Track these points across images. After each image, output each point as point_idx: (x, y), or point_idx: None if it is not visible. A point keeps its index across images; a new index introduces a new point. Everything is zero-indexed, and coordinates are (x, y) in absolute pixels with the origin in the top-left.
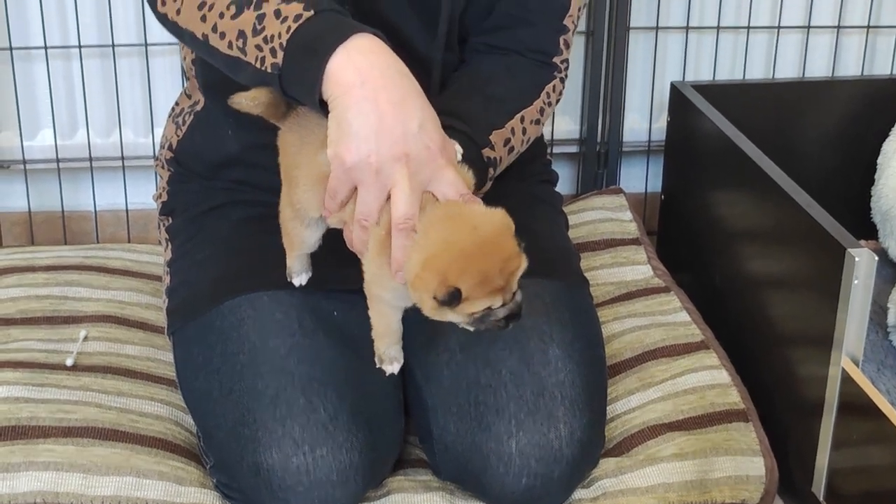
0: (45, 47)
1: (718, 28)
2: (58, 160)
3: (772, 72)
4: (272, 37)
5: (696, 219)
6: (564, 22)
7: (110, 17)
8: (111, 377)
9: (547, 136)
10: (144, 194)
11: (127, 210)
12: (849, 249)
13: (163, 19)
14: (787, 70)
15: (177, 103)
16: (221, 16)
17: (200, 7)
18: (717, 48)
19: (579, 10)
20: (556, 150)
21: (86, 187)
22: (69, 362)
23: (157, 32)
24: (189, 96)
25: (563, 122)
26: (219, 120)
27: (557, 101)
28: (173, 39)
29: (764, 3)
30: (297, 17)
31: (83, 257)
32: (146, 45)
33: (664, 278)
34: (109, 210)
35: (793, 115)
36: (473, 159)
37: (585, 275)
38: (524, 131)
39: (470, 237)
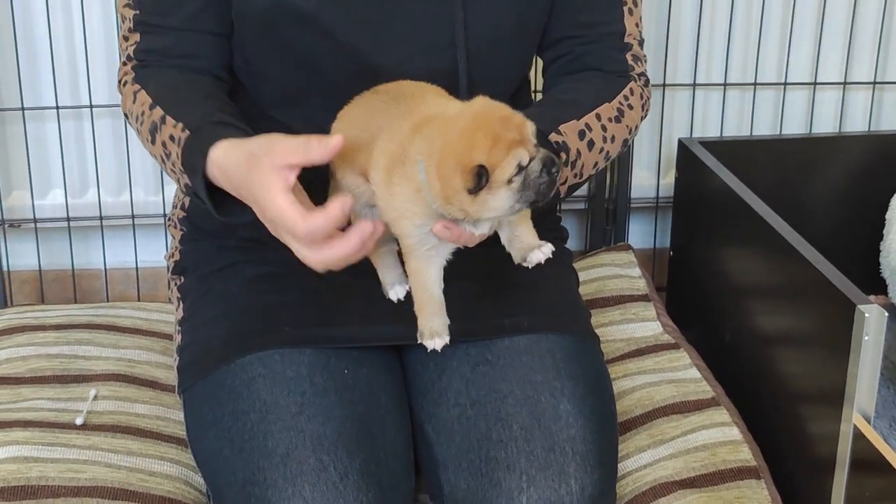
0: (57, 107)
1: (725, 85)
2: (68, 219)
3: (779, 128)
4: (174, 161)
5: (705, 275)
6: (625, 41)
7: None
8: (121, 436)
9: None
10: (154, 252)
11: (137, 268)
12: (859, 305)
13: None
14: (795, 126)
15: None
16: (147, 142)
17: (138, 132)
18: (724, 104)
19: (637, 25)
20: (565, 206)
21: (96, 246)
22: (79, 421)
23: None
24: None
25: None
26: None
27: (644, 108)
28: None
29: (770, 59)
30: (179, 141)
31: (93, 315)
32: None
33: (674, 335)
34: (119, 268)
35: (800, 171)
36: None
37: (596, 331)
38: (604, 128)
39: (459, 124)
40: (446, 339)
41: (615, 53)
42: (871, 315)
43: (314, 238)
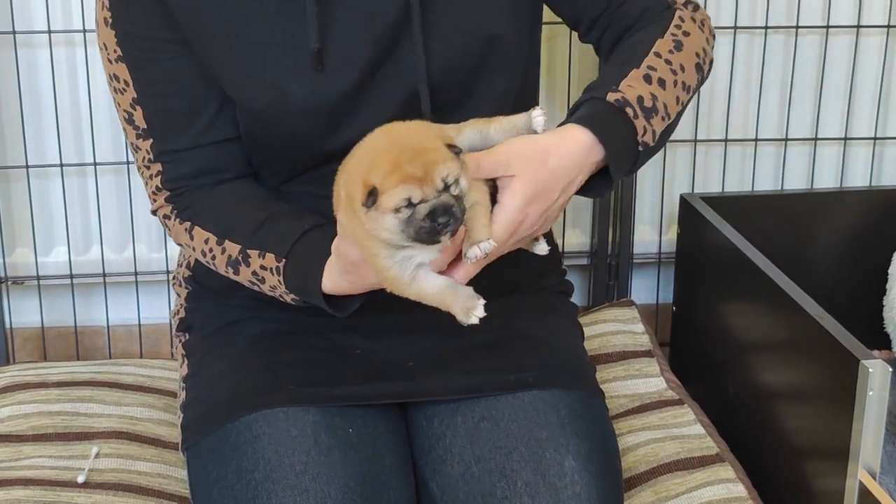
0: (61, 164)
1: (726, 140)
2: (71, 276)
3: (780, 183)
4: (273, 287)
5: (708, 330)
6: None
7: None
8: (123, 494)
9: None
10: (157, 309)
11: (140, 325)
12: (862, 361)
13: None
14: (796, 181)
15: None
16: (226, 272)
17: (208, 264)
18: (725, 160)
19: None
20: (567, 262)
21: (99, 302)
22: (81, 479)
23: None
24: None
25: (574, 234)
26: None
27: (704, 30)
28: None
29: (770, 115)
30: (278, 269)
31: (95, 372)
32: None
33: (678, 391)
34: (122, 325)
35: (802, 226)
36: (599, 111)
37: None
38: (668, 62)
39: (386, 143)
40: (482, 302)
41: (649, 2)
42: (876, 370)
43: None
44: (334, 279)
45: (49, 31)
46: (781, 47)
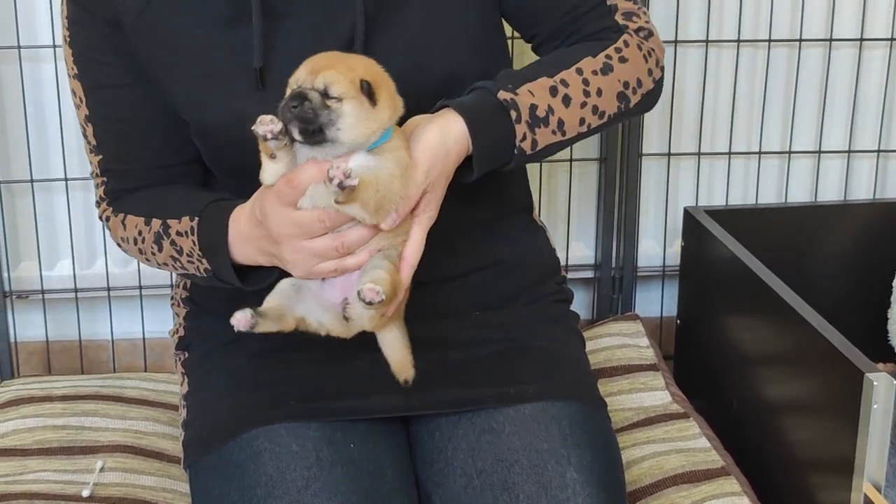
0: (66, 179)
1: (730, 153)
2: (76, 289)
3: (784, 196)
4: (191, 251)
5: (712, 343)
6: (608, 4)
7: None
8: None
9: (561, 261)
10: (161, 323)
11: (144, 339)
12: (867, 374)
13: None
14: (800, 194)
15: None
16: (154, 254)
17: (141, 252)
18: (729, 173)
19: None
20: (572, 275)
21: (103, 316)
22: (85, 493)
23: None
24: None
25: (578, 247)
26: None
27: (649, 60)
28: None
29: (774, 128)
30: (192, 229)
31: (100, 386)
32: None
33: (682, 404)
34: (126, 339)
35: (806, 239)
36: (485, 105)
37: (604, 399)
38: (586, 82)
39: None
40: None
41: (600, 22)
42: (880, 383)
43: (292, 195)
44: (241, 231)
45: (54, 46)
46: (784, 61)
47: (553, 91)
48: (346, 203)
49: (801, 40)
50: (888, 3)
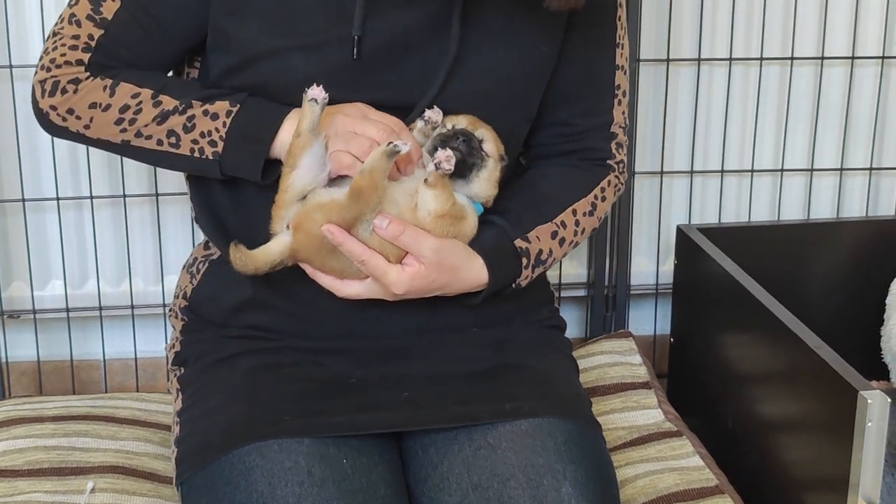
0: (58, 198)
1: (722, 172)
2: (67, 309)
3: (777, 214)
4: (208, 132)
5: (705, 361)
6: (612, 130)
7: (122, 167)
8: None
9: (555, 280)
10: (153, 343)
11: (136, 359)
12: (861, 392)
13: (60, 131)
14: (792, 212)
15: (192, 256)
16: (146, 125)
17: (119, 122)
18: (721, 191)
19: (623, 113)
20: (565, 293)
21: (95, 336)
22: None
23: (168, 182)
24: (205, 247)
25: (571, 265)
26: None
27: (616, 194)
28: (184, 189)
29: (767, 146)
30: (228, 112)
31: (91, 407)
32: (157, 194)
33: (676, 423)
34: (118, 359)
35: (799, 257)
36: (504, 249)
37: (597, 419)
38: (577, 223)
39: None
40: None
41: (602, 143)
42: (874, 401)
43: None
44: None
45: None
46: (776, 79)
47: (553, 235)
48: (430, 187)
49: (792, 58)
50: (879, 21)
